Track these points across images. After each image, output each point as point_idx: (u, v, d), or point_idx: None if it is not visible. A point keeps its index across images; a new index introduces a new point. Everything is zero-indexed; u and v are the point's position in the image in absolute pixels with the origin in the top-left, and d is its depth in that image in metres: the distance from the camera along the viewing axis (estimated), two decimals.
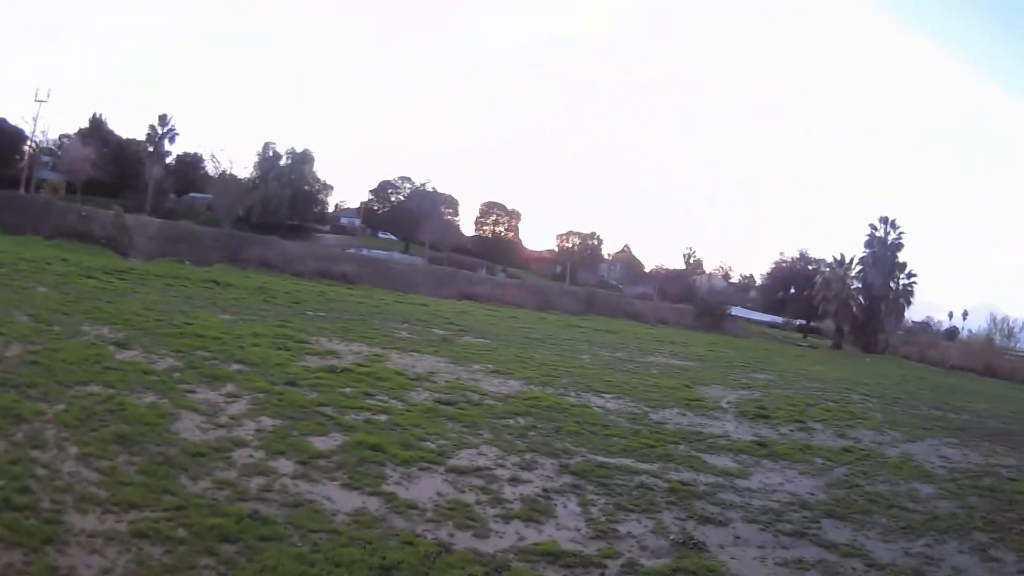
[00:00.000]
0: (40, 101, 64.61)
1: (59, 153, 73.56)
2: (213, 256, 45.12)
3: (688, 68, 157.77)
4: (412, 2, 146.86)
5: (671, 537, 9.99)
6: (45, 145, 72.54)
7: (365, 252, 64.39)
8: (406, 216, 77.59)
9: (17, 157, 68.23)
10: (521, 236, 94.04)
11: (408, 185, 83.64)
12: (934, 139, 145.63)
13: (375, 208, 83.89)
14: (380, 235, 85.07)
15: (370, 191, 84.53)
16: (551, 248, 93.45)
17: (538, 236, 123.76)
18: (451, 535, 9.05)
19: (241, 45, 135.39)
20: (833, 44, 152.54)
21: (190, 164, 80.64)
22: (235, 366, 16.69)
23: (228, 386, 14.69)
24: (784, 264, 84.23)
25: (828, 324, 75.61)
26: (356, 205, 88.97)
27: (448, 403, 16.24)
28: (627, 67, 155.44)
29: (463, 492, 10.68)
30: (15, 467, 8.88)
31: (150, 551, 7.44)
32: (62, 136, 75.20)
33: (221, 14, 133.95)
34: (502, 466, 12.18)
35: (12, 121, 68.38)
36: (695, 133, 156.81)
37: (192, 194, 78.00)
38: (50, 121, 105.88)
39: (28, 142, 68.57)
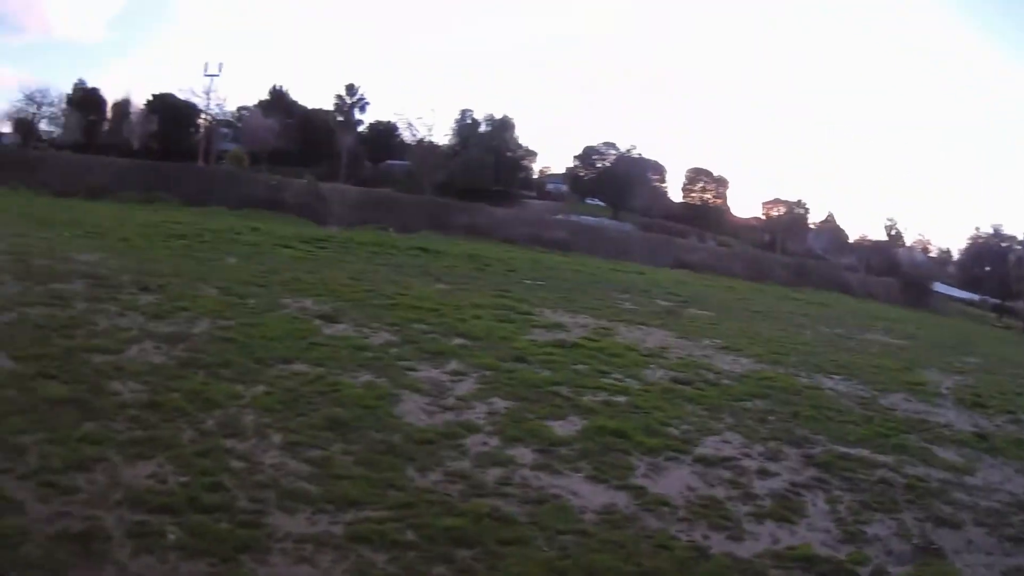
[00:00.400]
0: (211, 76, 67.16)
1: (239, 125, 76.62)
2: (417, 223, 45.01)
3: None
4: None
5: (913, 541, 9.33)
6: (223, 117, 75.35)
7: (575, 218, 63.90)
8: (613, 182, 78.64)
9: (192, 130, 71.24)
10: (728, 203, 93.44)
11: (613, 151, 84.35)
12: None
13: (581, 174, 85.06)
14: (587, 201, 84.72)
15: (575, 157, 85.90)
16: (757, 216, 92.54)
17: (743, 203, 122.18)
18: (706, 536, 8.39)
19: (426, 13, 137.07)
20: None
21: (384, 132, 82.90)
22: (457, 340, 15.72)
23: (452, 363, 13.79)
24: (980, 240, 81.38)
25: (1022, 306, 70.32)
26: (560, 171, 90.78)
27: (684, 383, 15.15)
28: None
29: (713, 486, 9.96)
30: (204, 460, 8.08)
31: (372, 558, 6.75)
32: (240, 108, 78.54)
33: None
34: (748, 456, 11.41)
35: (180, 96, 71.31)
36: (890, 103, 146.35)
37: (389, 161, 79.85)
38: (226, 94, 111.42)
39: (202, 115, 71.26)
